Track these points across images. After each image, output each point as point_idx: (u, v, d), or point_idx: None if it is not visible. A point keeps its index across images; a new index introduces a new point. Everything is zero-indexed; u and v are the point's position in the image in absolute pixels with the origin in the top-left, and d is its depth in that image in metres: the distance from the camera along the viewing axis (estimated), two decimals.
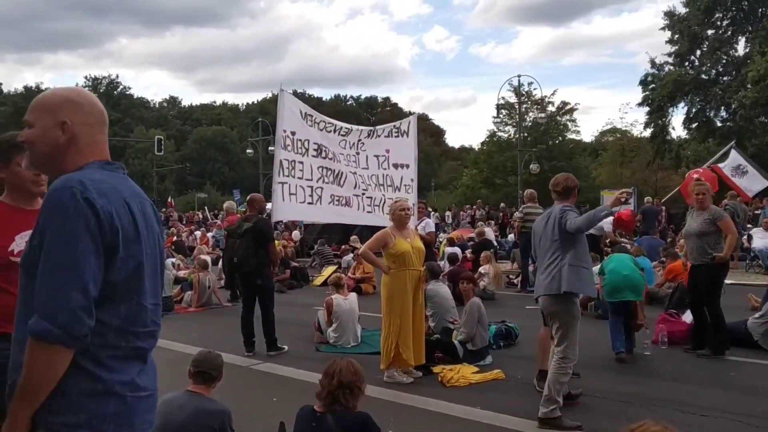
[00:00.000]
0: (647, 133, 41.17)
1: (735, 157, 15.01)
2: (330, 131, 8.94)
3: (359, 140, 9.14)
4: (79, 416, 1.85)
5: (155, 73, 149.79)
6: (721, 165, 15.48)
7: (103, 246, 1.86)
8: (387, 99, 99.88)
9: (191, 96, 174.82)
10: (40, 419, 1.83)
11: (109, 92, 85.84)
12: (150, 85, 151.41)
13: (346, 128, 9.22)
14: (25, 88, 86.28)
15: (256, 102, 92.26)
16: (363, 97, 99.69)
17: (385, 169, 9.28)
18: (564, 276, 5.30)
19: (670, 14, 38.78)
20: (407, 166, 9.47)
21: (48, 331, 1.76)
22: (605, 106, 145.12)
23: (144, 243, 2.00)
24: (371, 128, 9.73)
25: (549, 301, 5.46)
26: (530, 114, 46.78)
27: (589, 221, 5.33)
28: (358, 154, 9.09)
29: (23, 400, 1.82)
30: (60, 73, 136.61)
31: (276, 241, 9.40)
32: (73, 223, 1.81)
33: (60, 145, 2.02)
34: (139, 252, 1.98)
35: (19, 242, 2.74)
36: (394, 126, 9.70)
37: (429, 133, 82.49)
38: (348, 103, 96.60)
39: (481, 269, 12.44)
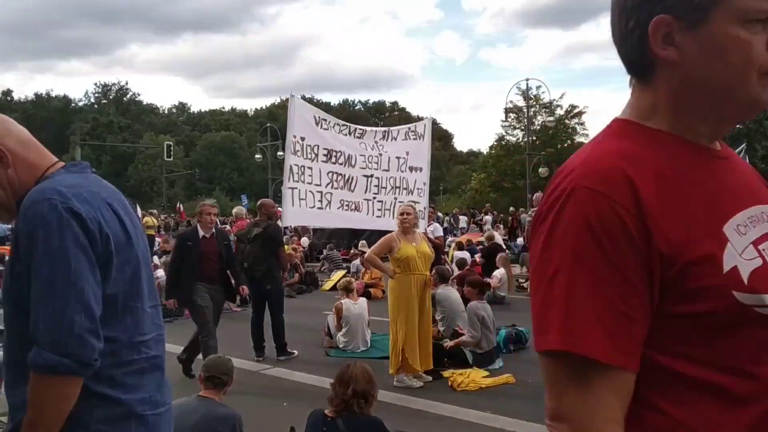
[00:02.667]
0: None
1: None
2: (345, 134, 8.95)
3: (376, 141, 9.15)
4: None
5: (167, 79, 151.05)
6: None
7: (97, 258, 1.67)
8: (395, 104, 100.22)
9: (203, 102, 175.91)
10: None
11: (119, 98, 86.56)
12: (161, 91, 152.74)
13: (361, 130, 9.24)
14: (36, 95, 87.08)
15: (264, 107, 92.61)
16: (371, 101, 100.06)
17: (402, 171, 9.30)
18: None
19: None
20: (420, 170, 9.49)
21: (56, 363, 1.57)
22: (615, 110, 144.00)
23: (136, 244, 1.83)
24: (385, 129, 9.74)
25: None
26: (539, 117, 46.72)
27: None
28: (380, 155, 9.09)
29: None
30: (72, 80, 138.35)
31: (285, 246, 9.43)
32: (60, 239, 1.61)
33: (8, 175, 1.76)
34: (133, 255, 1.81)
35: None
36: (410, 128, 9.71)
37: (437, 137, 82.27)
38: (356, 108, 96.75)
39: (497, 273, 12.35)
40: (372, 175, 9.04)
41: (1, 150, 1.75)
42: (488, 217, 27.68)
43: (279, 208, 10.12)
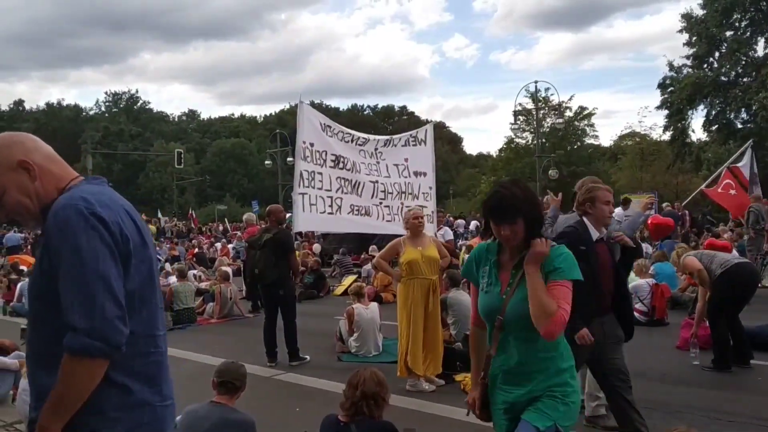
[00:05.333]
0: (666, 136, 40.88)
1: (750, 162, 14.89)
2: (348, 141, 9.00)
3: (376, 149, 9.20)
4: (116, 430, 1.90)
5: (178, 87, 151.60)
6: (739, 165, 15.30)
7: (119, 255, 1.89)
8: (404, 108, 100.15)
9: (214, 109, 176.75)
10: None
11: (129, 107, 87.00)
12: (172, 99, 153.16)
13: (364, 138, 9.30)
14: (47, 104, 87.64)
15: (273, 114, 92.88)
16: (380, 106, 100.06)
17: (406, 177, 9.33)
18: None
19: (687, 16, 38.52)
20: (425, 174, 9.51)
21: (89, 346, 1.77)
22: (627, 110, 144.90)
23: (149, 247, 2.05)
24: (388, 137, 9.79)
25: None
26: (548, 120, 46.63)
27: (632, 229, 5.43)
28: (378, 163, 9.14)
29: (56, 414, 1.83)
30: (84, 89, 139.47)
31: (297, 252, 9.46)
32: (88, 238, 1.82)
33: (34, 186, 2.00)
34: (147, 256, 2.02)
35: None
36: (411, 135, 9.76)
37: (446, 140, 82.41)
38: (365, 112, 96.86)
39: None
40: (377, 181, 9.08)
41: (29, 163, 2.00)
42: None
43: (289, 214, 10.17)
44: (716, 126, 38.42)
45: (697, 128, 43.32)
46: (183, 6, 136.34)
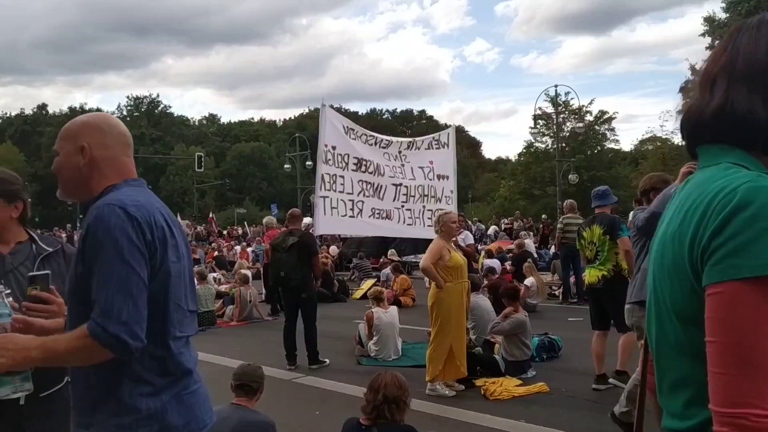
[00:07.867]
0: None
1: None
2: (372, 144, 9.04)
3: (400, 152, 9.22)
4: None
5: (200, 91, 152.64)
6: None
7: (150, 258, 1.92)
8: (423, 112, 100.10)
9: (233, 113, 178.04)
10: (95, 420, 1.92)
11: (150, 111, 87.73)
12: (195, 103, 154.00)
13: (387, 141, 9.33)
14: (70, 109, 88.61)
15: (293, 118, 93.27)
16: (399, 110, 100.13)
17: (430, 179, 9.37)
18: (637, 282, 5.08)
19: (710, 20, 38.20)
20: (447, 178, 9.53)
21: (102, 337, 1.81)
22: (651, 115, 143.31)
23: (180, 248, 2.07)
24: (410, 140, 9.82)
25: (631, 309, 5.21)
26: (568, 124, 46.39)
27: (664, 203, 4.68)
28: (403, 165, 9.18)
29: (44, 355, 1.89)
30: (108, 93, 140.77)
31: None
32: (118, 238, 1.86)
33: (82, 169, 2.07)
34: (179, 257, 2.05)
35: None
36: (434, 138, 9.78)
37: (465, 144, 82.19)
38: (384, 116, 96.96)
39: (527, 282, 12.28)
40: (401, 184, 9.10)
41: (87, 151, 2.07)
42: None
43: (308, 217, 10.23)
44: None
45: None
46: (205, 11, 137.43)
